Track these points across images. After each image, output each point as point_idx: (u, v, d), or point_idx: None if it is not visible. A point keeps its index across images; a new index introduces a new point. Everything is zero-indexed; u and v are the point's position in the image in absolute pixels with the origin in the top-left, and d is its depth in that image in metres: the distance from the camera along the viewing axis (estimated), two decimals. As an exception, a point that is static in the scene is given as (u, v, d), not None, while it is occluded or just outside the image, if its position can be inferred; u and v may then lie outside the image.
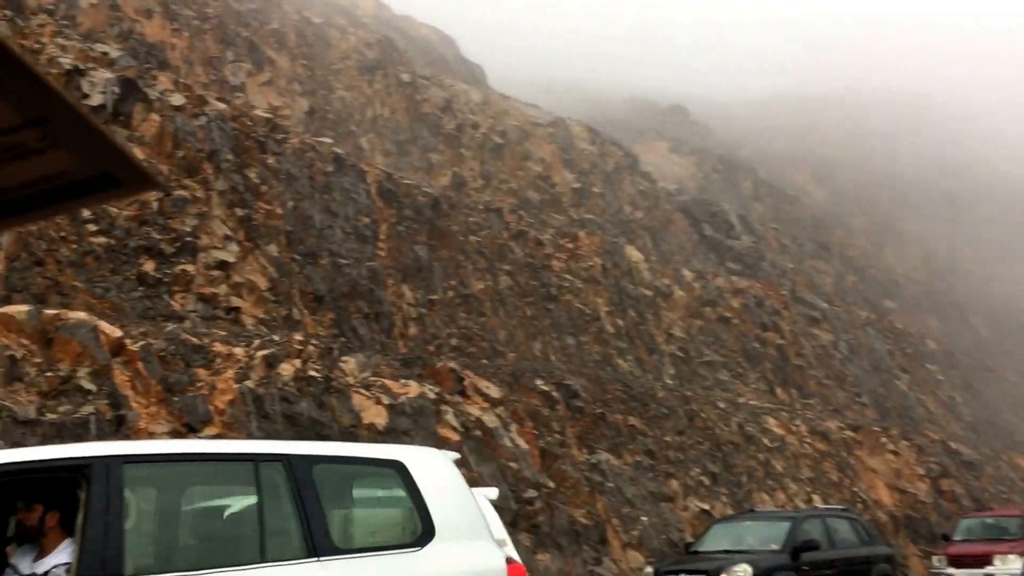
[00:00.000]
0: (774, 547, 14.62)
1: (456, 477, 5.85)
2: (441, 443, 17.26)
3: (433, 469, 5.74)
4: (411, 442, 16.68)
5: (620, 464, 20.62)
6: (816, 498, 24.61)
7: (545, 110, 43.62)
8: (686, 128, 65.16)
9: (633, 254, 32.49)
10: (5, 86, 0.58)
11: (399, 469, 5.61)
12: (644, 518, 19.54)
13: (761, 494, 23.69)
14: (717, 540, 15.33)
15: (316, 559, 4.98)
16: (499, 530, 8.18)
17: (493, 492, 10.18)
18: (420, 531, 5.45)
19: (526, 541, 16.07)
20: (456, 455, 6.41)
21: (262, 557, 4.95)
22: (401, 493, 5.56)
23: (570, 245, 30.74)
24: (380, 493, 6.17)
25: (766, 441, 25.80)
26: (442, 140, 36.47)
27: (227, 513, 5.82)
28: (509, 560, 6.04)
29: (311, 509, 5.07)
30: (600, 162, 40.88)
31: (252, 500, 5.28)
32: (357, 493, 6.11)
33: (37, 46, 19.63)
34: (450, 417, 17.83)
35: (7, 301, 15.32)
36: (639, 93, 67.23)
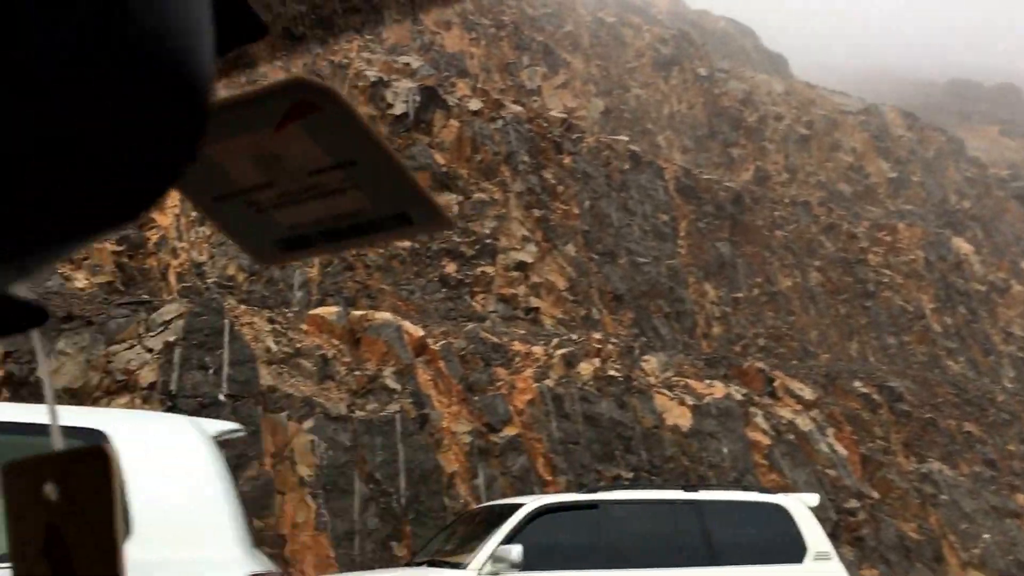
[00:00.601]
0: None
1: (194, 455, 4.11)
2: (750, 447, 16.20)
3: (149, 444, 4.07)
4: (718, 445, 15.75)
5: (955, 475, 18.63)
6: None
7: (855, 97, 41.08)
8: (1019, 109, 59.59)
9: (962, 246, 29.71)
10: (324, 130, 0.59)
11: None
12: (986, 535, 17.49)
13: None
14: None
15: None
16: None
17: (813, 499, 9.21)
18: None
19: (849, 555, 14.69)
20: (225, 427, 4.73)
21: None
22: None
23: (888, 238, 28.52)
24: None
25: None
26: (743, 134, 35.09)
27: None
28: None
29: None
30: (919, 149, 37.92)
31: None
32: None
33: (345, 61, 20.41)
34: (759, 419, 16.72)
35: (321, 305, 15.86)
36: (961, 74, 62.21)
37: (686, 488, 9.53)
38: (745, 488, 11.30)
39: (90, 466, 0.68)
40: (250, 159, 0.66)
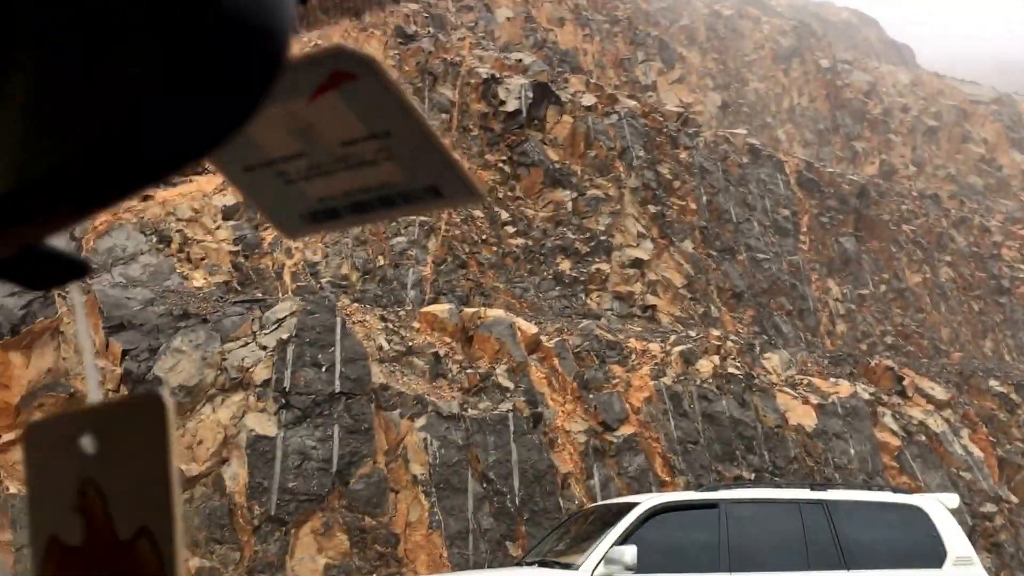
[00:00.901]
0: None
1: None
2: (879, 447, 15.49)
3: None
4: (845, 446, 15.10)
5: (1102, 478, 17.50)
6: None
7: (986, 86, 39.35)
8: None
9: (1102, 238, 28.11)
10: (360, 100, 0.60)
11: None
12: None
13: None
14: None
15: None
16: None
17: (953, 500, 8.62)
18: None
19: (986, 562, 13.88)
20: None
21: None
22: None
23: (1023, 232, 27.17)
24: None
25: None
26: (867, 126, 33.95)
27: None
28: None
29: None
30: (1055, 138, 36.10)
31: None
32: None
33: (457, 59, 20.34)
34: (888, 419, 15.99)
35: (434, 303, 15.77)
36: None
37: (813, 487, 8.95)
38: (878, 488, 10.65)
39: (143, 416, 0.65)
40: (283, 129, 0.66)
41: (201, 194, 15.01)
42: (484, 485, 12.45)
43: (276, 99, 0.59)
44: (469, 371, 13.62)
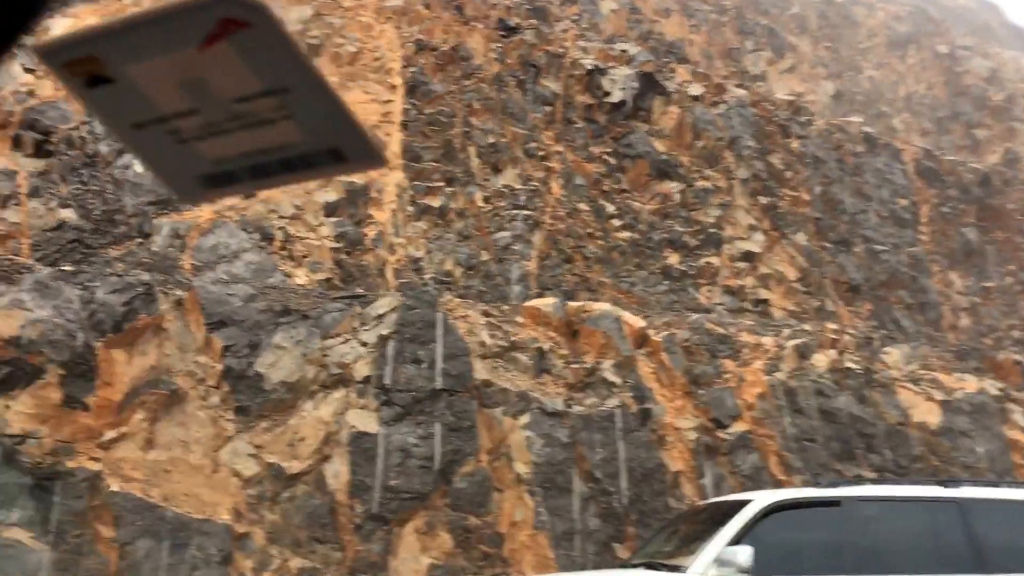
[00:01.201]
0: None
1: None
2: (1010, 446, 14.58)
3: None
4: (972, 444, 14.24)
5: None
6: None
7: (1118, 67, 37.27)
8: None
9: None
10: (253, 52, 0.64)
11: None
12: None
13: None
14: None
15: None
16: None
17: None
18: None
19: None
20: None
21: None
22: None
23: None
24: None
25: None
26: (988, 113, 32.42)
27: None
28: None
29: None
30: None
31: None
32: None
33: (560, 50, 19.96)
34: (1018, 416, 15.05)
35: (538, 299, 15.42)
36: None
37: (944, 484, 8.20)
38: (1019, 484, 9.78)
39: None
40: (172, 81, 0.61)
41: (303, 190, 14.96)
42: (590, 484, 12.05)
43: (163, 49, 0.54)
44: (574, 366, 13.24)
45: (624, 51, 21.04)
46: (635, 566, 7.92)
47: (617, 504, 11.99)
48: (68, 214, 13.82)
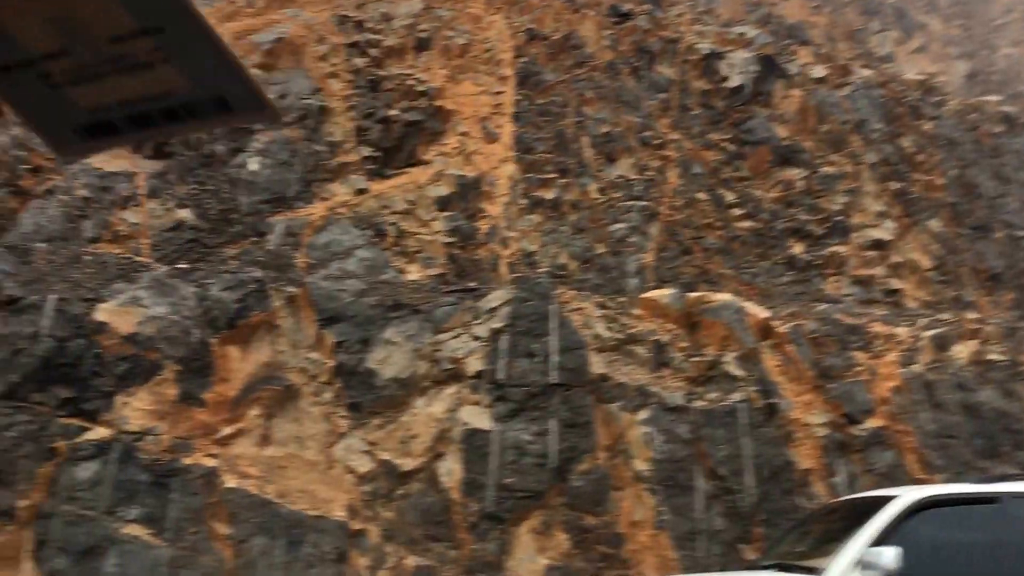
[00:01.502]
0: None
1: None
2: None
3: None
4: None
5: None
6: None
7: None
8: None
9: None
10: None
11: None
12: None
13: None
14: None
15: None
16: None
17: None
18: None
19: None
20: None
21: None
22: None
23: None
24: None
25: None
26: None
27: None
28: None
29: None
30: None
31: None
32: None
33: (675, 35, 19.38)
34: None
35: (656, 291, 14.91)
36: None
37: None
38: None
39: None
40: (40, 18, 0.59)
41: (415, 185, 14.78)
42: (713, 482, 11.50)
43: None
44: (695, 359, 12.69)
45: (742, 34, 20.32)
46: (766, 567, 7.32)
47: (742, 503, 11.41)
48: (185, 214, 13.93)
